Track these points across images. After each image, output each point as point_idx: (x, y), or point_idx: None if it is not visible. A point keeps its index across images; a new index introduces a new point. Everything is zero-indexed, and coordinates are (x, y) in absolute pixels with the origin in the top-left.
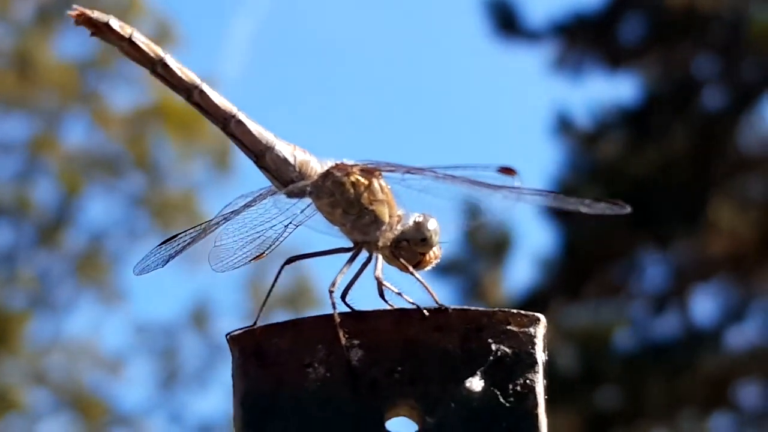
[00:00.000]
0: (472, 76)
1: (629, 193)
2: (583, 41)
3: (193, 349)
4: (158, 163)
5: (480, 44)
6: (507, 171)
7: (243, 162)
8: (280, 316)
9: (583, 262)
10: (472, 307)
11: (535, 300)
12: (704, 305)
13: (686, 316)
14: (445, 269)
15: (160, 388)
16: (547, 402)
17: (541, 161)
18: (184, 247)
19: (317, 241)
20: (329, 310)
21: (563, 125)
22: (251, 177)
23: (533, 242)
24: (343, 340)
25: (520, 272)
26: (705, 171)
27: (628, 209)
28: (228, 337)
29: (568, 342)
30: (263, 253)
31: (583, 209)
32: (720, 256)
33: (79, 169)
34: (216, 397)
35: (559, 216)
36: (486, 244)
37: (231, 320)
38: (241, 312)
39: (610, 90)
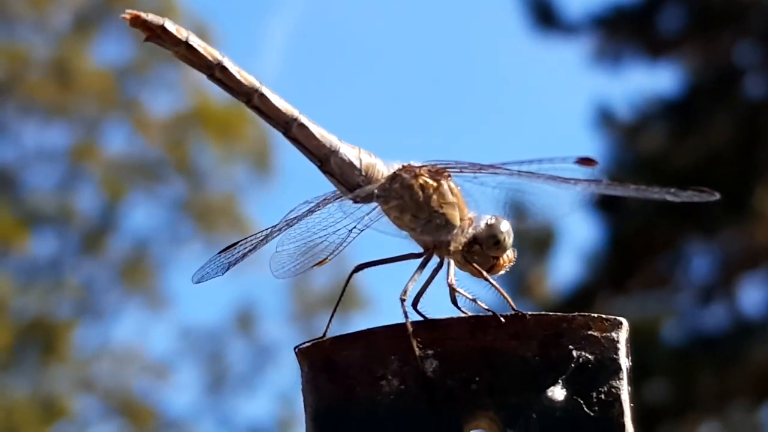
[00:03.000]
0: (512, 71)
1: (673, 184)
2: (622, 32)
3: (239, 353)
4: (199, 167)
5: (519, 39)
6: (587, 161)
7: (284, 163)
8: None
9: (629, 255)
10: (551, 313)
11: (582, 294)
12: (752, 295)
13: (734, 306)
14: None
15: (208, 392)
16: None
17: (583, 155)
18: (245, 255)
19: (386, 246)
20: (400, 319)
21: (605, 118)
22: (293, 178)
23: (578, 236)
24: (417, 351)
25: (566, 266)
26: (749, 160)
27: (717, 196)
28: (296, 350)
29: None
30: (327, 258)
31: (670, 198)
32: (766, 246)
33: (120, 175)
34: (264, 400)
35: (604, 208)
36: (530, 239)
37: (276, 323)
38: (287, 315)
39: (651, 81)
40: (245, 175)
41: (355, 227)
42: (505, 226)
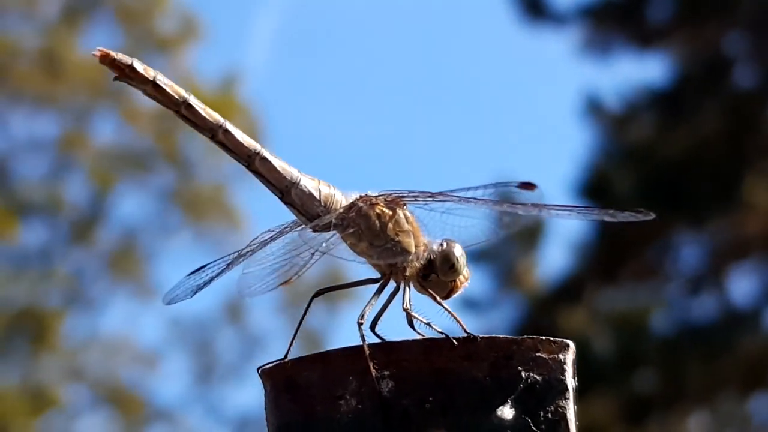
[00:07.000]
0: (500, 62)
1: (662, 174)
2: (611, 22)
3: (228, 342)
4: (188, 157)
5: (508, 29)
6: (527, 186)
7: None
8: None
9: (618, 245)
10: (501, 335)
11: (571, 285)
12: (741, 285)
13: (723, 296)
14: (478, 256)
15: (197, 382)
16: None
17: (572, 146)
18: (212, 278)
19: (347, 270)
20: (358, 342)
21: (593, 108)
22: None
23: (567, 226)
24: (374, 372)
25: (555, 257)
26: (738, 150)
27: (652, 216)
28: (259, 371)
29: (604, 326)
30: (291, 279)
31: (608, 219)
32: (756, 235)
33: (109, 165)
34: (253, 390)
35: (592, 198)
36: (519, 230)
37: (265, 313)
38: (276, 304)
39: (639, 71)
40: (234, 166)
41: (316, 251)
42: (458, 251)
